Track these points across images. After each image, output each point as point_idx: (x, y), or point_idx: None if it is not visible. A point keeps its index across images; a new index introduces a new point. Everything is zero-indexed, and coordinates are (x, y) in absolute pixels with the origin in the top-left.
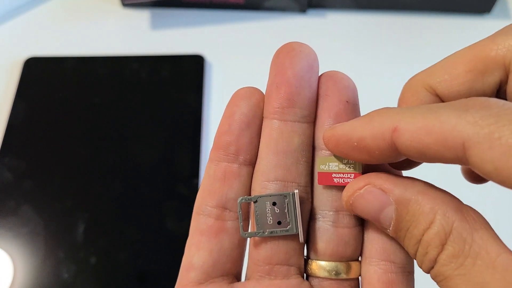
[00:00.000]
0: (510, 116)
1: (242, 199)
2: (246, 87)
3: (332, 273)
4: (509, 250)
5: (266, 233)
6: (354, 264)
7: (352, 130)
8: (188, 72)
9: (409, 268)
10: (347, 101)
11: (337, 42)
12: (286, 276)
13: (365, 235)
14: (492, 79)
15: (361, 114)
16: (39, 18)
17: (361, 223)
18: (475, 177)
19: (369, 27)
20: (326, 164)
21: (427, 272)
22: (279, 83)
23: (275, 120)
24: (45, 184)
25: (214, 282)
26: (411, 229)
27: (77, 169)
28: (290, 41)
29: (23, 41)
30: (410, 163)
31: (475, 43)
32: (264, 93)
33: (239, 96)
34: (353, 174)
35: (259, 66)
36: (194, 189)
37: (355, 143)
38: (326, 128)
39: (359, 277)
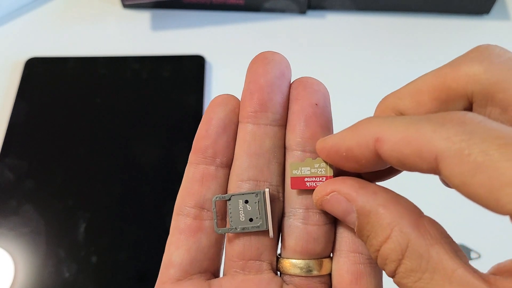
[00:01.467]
0: (482, 134)
1: (216, 198)
2: (223, 94)
3: (303, 270)
4: (464, 265)
5: (239, 229)
6: (325, 261)
7: (340, 141)
8: (188, 72)
9: None
10: (316, 104)
11: (336, 43)
12: (259, 271)
13: (337, 231)
14: (456, 108)
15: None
16: (41, 19)
17: (332, 221)
18: None
19: (368, 28)
20: (299, 169)
21: (391, 277)
22: (253, 89)
23: (249, 124)
24: (46, 184)
25: (192, 278)
26: (370, 238)
27: (78, 169)
28: (290, 42)
29: (25, 42)
30: (390, 173)
31: (438, 68)
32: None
33: (216, 103)
34: (325, 178)
35: None
36: None
37: (344, 153)
38: (319, 139)
39: (331, 273)
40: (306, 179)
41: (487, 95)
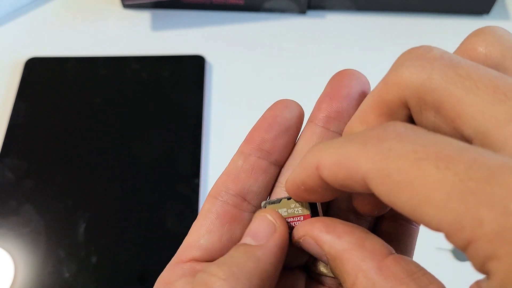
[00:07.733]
0: (398, 150)
1: (265, 203)
2: (289, 99)
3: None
4: None
5: None
6: None
7: (295, 176)
8: (188, 72)
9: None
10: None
11: (336, 43)
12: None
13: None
14: (402, 118)
15: None
16: (40, 19)
17: (375, 222)
18: None
19: (369, 28)
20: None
21: None
22: (333, 96)
23: (318, 126)
24: (46, 184)
25: None
26: (341, 281)
27: (78, 169)
28: (290, 42)
29: (24, 42)
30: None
31: (375, 87)
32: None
33: (282, 104)
34: (302, 216)
35: (259, 67)
36: (195, 189)
37: (302, 187)
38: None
39: None
40: (287, 220)
41: (419, 99)
